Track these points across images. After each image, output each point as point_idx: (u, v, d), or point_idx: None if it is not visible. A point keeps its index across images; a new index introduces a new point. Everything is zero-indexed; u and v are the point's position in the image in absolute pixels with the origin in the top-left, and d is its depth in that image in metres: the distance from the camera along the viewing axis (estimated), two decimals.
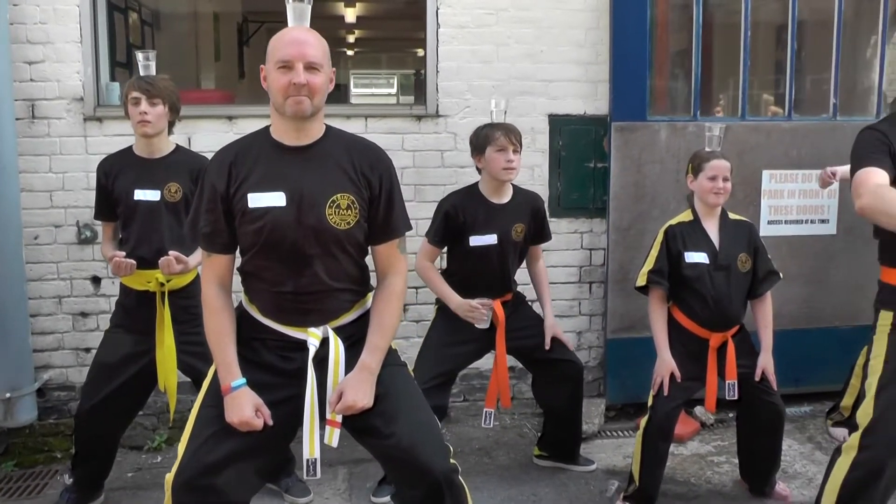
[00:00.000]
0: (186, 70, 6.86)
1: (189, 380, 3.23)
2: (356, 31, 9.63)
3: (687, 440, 3.96)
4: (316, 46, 2.18)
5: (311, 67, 2.15)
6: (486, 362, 3.58)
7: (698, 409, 4.11)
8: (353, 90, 10.38)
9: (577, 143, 4.11)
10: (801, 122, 4.20)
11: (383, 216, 2.30)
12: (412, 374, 2.50)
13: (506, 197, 3.39)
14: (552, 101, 4.10)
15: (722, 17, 4.43)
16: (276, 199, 2.18)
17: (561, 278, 4.21)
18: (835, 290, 4.26)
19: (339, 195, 2.21)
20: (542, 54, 4.06)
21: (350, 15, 8.28)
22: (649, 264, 3.24)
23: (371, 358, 2.25)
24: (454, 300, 3.31)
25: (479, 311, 3.28)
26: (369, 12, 8.10)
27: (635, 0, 3.93)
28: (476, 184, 3.42)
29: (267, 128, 2.28)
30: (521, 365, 3.69)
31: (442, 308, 3.43)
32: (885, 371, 2.52)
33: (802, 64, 4.48)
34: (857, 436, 2.52)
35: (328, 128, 2.31)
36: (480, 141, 3.31)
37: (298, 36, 2.18)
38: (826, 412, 4.14)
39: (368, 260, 2.35)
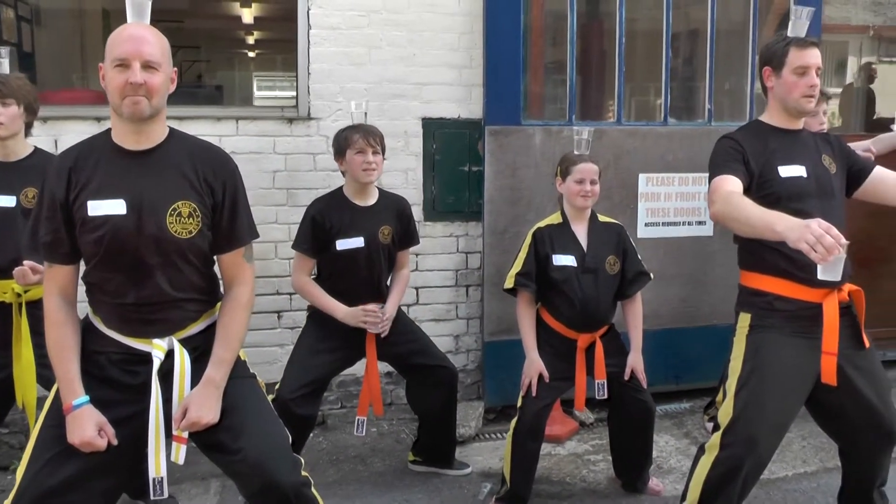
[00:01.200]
0: (69, 68, 6.62)
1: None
2: (255, 33, 9.46)
3: (565, 440, 3.98)
4: (154, 44, 2.10)
5: (148, 66, 2.07)
6: (363, 368, 3.52)
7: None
8: (257, 93, 10.23)
9: (452, 147, 4.09)
10: (677, 127, 4.26)
11: (227, 225, 2.23)
12: (262, 385, 2.43)
13: (371, 199, 3.35)
14: (426, 105, 4.07)
15: (597, 24, 4.45)
16: (116, 206, 2.09)
17: (437, 282, 4.19)
18: (712, 289, 4.33)
19: (180, 203, 2.14)
20: (415, 57, 4.02)
21: (247, 15, 8.13)
22: (517, 267, 3.25)
23: (216, 371, 2.19)
24: (340, 311, 3.25)
25: (374, 314, 3.23)
26: (266, 13, 7.96)
27: (509, 5, 3.92)
28: (341, 188, 3.38)
29: (109, 130, 2.18)
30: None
31: (312, 315, 3.38)
32: (743, 371, 2.61)
33: (678, 70, 4.54)
34: (718, 435, 2.61)
35: (171, 131, 2.23)
36: (341, 144, 3.28)
37: (135, 33, 2.10)
38: (704, 408, 4.22)
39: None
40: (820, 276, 2.17)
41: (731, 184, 2.51)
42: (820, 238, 2.02)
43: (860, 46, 7.13)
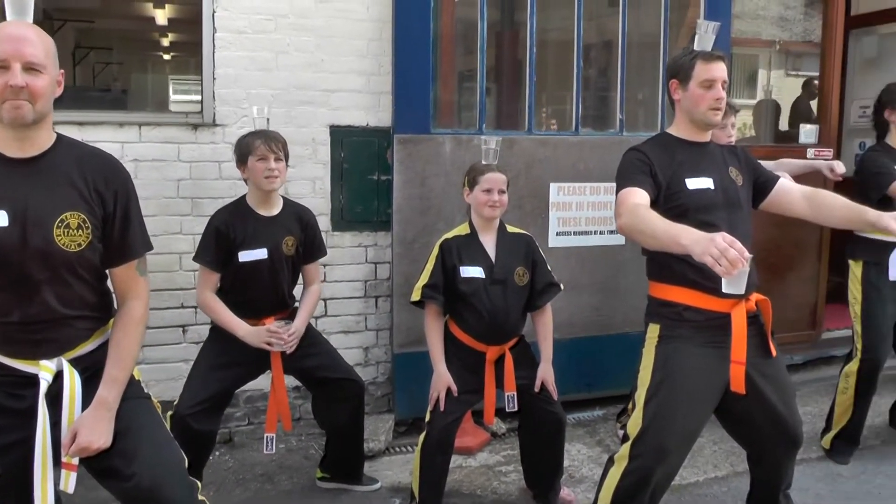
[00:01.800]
0: None
1: None
2: (170, 35, 9.22)
3: (476, 451, 3.93)
4: (37, 44, 1.97)
5: (31, 68, 1.94)
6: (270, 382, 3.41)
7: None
8: (173, 97, 9.95)
9: (360, 155, 4.01)
10: (588, 137, 4.26)
11: (119, 237, 2.13)
12: (158, 406, 2.31)
13: (275, 209, 3.25)
14: (334, 112, 3.98)
15: (509, 32, 4.43)
16: None
17: (346, 293, 4.11)
18: (624, 297, 4.35)
19: (68, 214, 2.02)
20: (323, 63, 3.93)
21: (160, 17, 7.92)
22: (424, 279, 3.19)
23: (109, 392, 2.08)
24: (241, 329, 3.14)
25: (277, 334, 3.12)
26: (180, 14, 7.77)
27: (418, 12, 3.86)
28: (244, 196, 3.27)
29: None
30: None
31: (215, 327, 3.26)
32: (652, 382, 2.61)
33: (590, 80, 4.55)
34: (627, 446, 2.61)
35: (59, 137, 2.10)
36: (242, 150, 3.18)
37: (15, 32, 1.97)
38: (616, 415, 4.23)
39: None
40: (724, 290, 2.18)
41: (638, 196, 2.50)
42: (724, 252, 2.02)
43: (769, 60, 7.29)
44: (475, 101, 4.09)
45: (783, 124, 6.30)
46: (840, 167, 3.88)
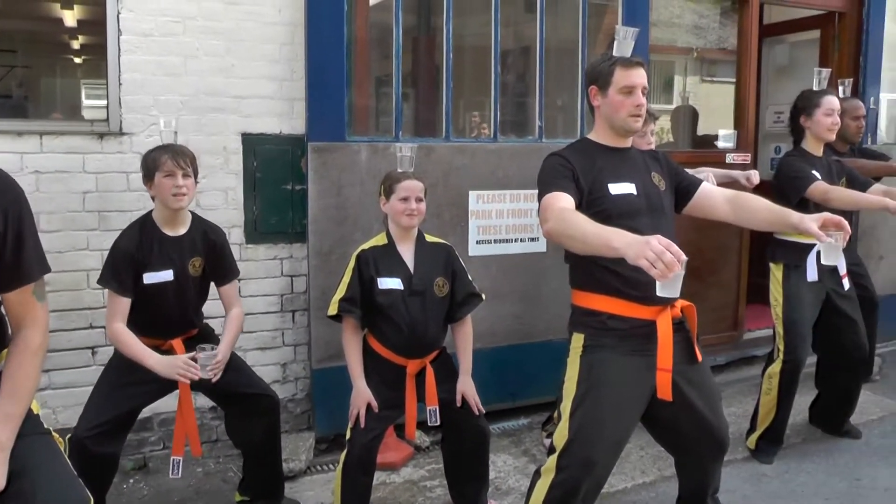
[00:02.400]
0: None
1: None
2: (80, 37, 8.85)
3: (400, 467, 3.82)
4: None
5: None
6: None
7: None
8: (85, 101, 9.53)
9: (274, 165, 3.87)
10: (507, 144, 4.21)
11: (12, 258, 1.93)
12: (60, 441, 2.12)
13: (182, 227, 3.09)
14: (246, 120, 3.83)
15: (425, 38, 4.35)
16: None
17: (261, 308, 3.95)
18: (547, 305, 4.30)
19: None
20: (233, 68, 3.78)
21: (69, 18, 7.57)
22: (341, 292, 3.07)
23: (2, 430, 1.89)
24: (152, 360, 2.95)
25: (193, 370, 2.95)
26: (89, 15, 7.45)
27: (331, 16, 3.74)
28: (150, 213, 3.09)
29: None
30: None
31: None
32: (577, 393, 2.56)
33: (508, 87, 4.50)
34: (554, 458, 2.55)
35: None
36: (149, 166, 3.00)
37: None
38: (542, 424, 4.18)
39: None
40: (659, 293, 2.11)
41: (564, 200, 2.45)
42: (660, 255, 1.97)
43: (685, 67, 7.40)
44: (391, 108, 3.99)
45: (701, 130, 6.37)
46: (755, 177, 3.93)
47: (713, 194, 2.76)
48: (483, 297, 3.24)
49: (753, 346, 5.28)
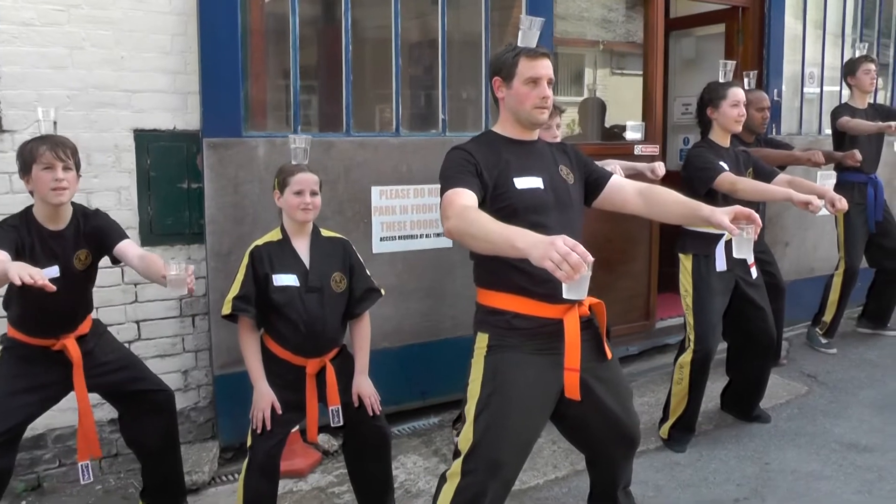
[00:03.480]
0: None
1: None
2: None
3: (308, 473, 3.69)
4: None
5: None
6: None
7: (322, 437, 3.86)
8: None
9: (169, 162, 3.70)
10: (410, 138, 4.11)
11: None
12: None
13: (62, 222, 2.89)
14: (138, 115, 3.64)
15: (325, 29, 4.22)
16: None
17: (160, 314, 3.78)
18: (454, 301, 4.23)
19: None
20: (123, 61, 3.59)
21: None
22: (234, 290, 2.93)
23: None
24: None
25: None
26: None
27: (224, 5, 3.58)
28: (30, 208, 2.89)
29: None
30: None
31: (8, 348, 2.91)
32: (482, 395, 2.47)
33: (411, 80, 4.40)
34: (459, 462, 2.46)
35: None
36: (25, 158, 2.79)
37: None
38: (452, 422, 4.11)
39: None
40: (565, 296, 2.03)
41: (466, 197, 2.34)
42: (566, 256, 1.88)
43: (594, 60, 7.44)
44: (289, 102, 3.86)
45: (611, 122, 6.40)
46: (660, 168, 3.90)
47: (624, 187, 2.69)
48: (382, 292, 3.16)
49: (666, 334, 5.32)
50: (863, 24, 6.55)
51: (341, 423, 3.03)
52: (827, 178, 5.77)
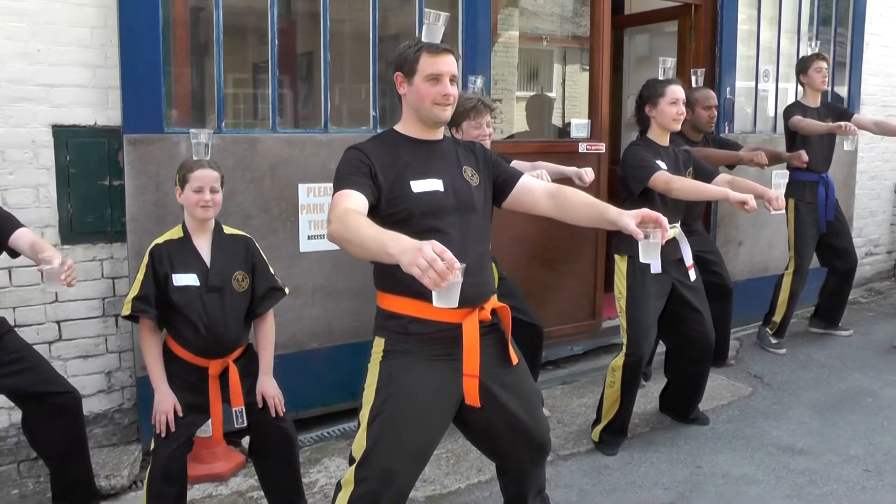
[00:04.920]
0: None
1: None
2: None
3: (229, 477, 3.61)
4: None
5: None
6: None
7: (246, 440, 3.78)
8: None
9: (89, 159, 3.60)
10: (339, 135, 4.02)
11: None
12: None
13: None
14: (56, 110, 3.54)
15: (250, 21, 4.12)
16: None
17: (82, 313, 3.69)
18: None
19: None
20: (40, 54, 3.49)
21: None
22: (134, 290, 2.88)
23: None
24: None
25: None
26: None
27: None
28: None
29: None
30: None
31: None
32: (376, 401, 2.39)
33: (339, 75, 4.31)
34: (352, 470, 2.39)
35: None
36: None
37: None
38: None
39: None
40: (435, 303, 1.97)
41: (351, 200, 2.26)
42: (432, 262, 1.81)
43: (564, 56, 7.40)
44: (213, 97, 3.76)
45: (567, 118, 6.35)
46: (588, 175, 3.75)
47: (533, 188, 2.61)
48: (286, 290, 3.11)
49: (612, 334, 5.26)
50: (819, 22, 6.52)
51: (245, 425, 2.97)
52: (781, 178, 5.75)
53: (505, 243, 4.48)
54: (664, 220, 2.34)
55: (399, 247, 1.93)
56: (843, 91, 6.85)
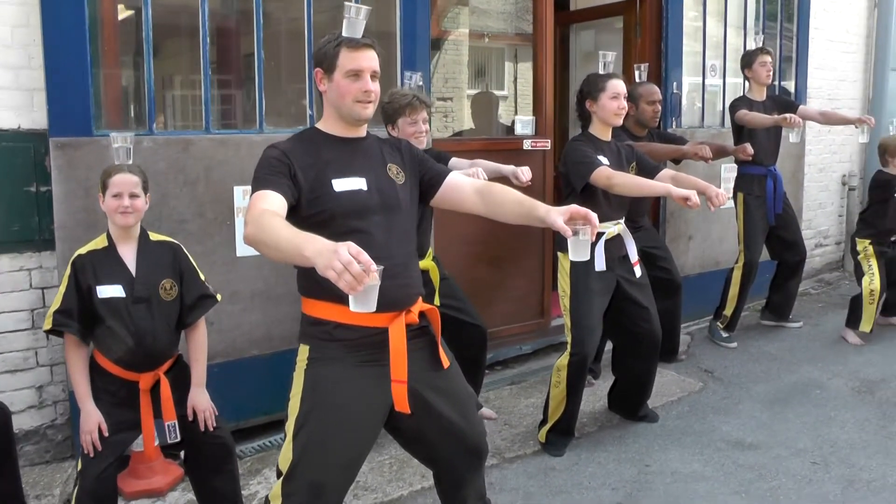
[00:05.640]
0: None
1: None
2: None
3: (167, 491, 3.49)
4: None
5: None
6: None
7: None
8: None
9: (13, 164, 3.45)
10: (275, 135, 3.86)
11: None
12: None
13: None
14: None
15: (181, 18, 4.00)
16: None
17: (9, 326, 3.54)
18: None
19: None
20: None
21: None
22: (56, 303, 2.76)
23: None
24: None
25: None
26: None
27: None
28: None
29: None
30: None
31: None
32: (301, 411, 2.32)
33: (276, 75, 4.21)
34: (279, 484, 2.31)
35: None
36: None
37: None
38: None
39: None
40: (352, 308, 1.89)
41: (268, 201, 2.17)
42: (347, 265, 1.74)
43: (515, 53, 7.36)
44: (143, 98, 3.64)
45: (511, 116, 6.29)
46: (524, 174, 3.65)
47: (461, 186, 2.53)
48: (218, 297, 3.00)
49: (561, 332, 5.14)
50: (765, 16, 6.55)
51: (178, 440, 2.87)
52: (730, 171, 5.77)
53: (449, 242, 4.43)
54: (593, 216, 2.27)
55: (314, 249, 1.84)
56: (790, 85, 6.89)
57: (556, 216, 2.26)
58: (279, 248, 1.97)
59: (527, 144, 4.96)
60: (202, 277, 2.96)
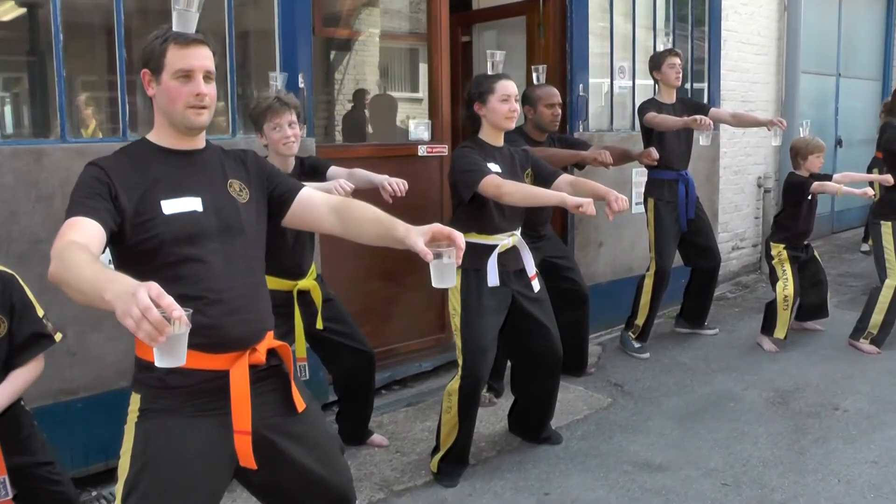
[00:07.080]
0: None
1: None
2: None
3: None
4: None
5: None
6: None
7: None
8: None
9: None
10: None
11: None
12: None
13: None
14: None
15: (30, 14, 3.63)
16: None
17: None
18: None
19: None
20: None
21: None
22: None
23: None
24: None
25: None
26: None
27: None
28: None
29: None
30: None
31: None
32: (131, 472, 2.00)
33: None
34: None
35: None
36: None
37: None
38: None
39: None
40: (157, 363, 1.59)
41: (78, 230, 1.82)
42: (146, 311, 1.42)
43: (410, 55, 7.17)
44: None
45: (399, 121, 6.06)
46: (397, 186, 3.33)
47: (314, 203, 2.23)
48: (57, 338, 2.61)
49: None
50: (675, 18, 6.42)
51: (9, 497, 2.50)
52: (641, 176, 5.59)
53: (338, 258, 4.13)
54: (458, 236, 1.99)
55: (115, 292, 1.50)
56: (704, 87, 6.78)
57: (417, 237, 1.98)
58: (81, 290, 1.63)
59: (422, 150, 4.68)
60: (40, 313, 2.58)
